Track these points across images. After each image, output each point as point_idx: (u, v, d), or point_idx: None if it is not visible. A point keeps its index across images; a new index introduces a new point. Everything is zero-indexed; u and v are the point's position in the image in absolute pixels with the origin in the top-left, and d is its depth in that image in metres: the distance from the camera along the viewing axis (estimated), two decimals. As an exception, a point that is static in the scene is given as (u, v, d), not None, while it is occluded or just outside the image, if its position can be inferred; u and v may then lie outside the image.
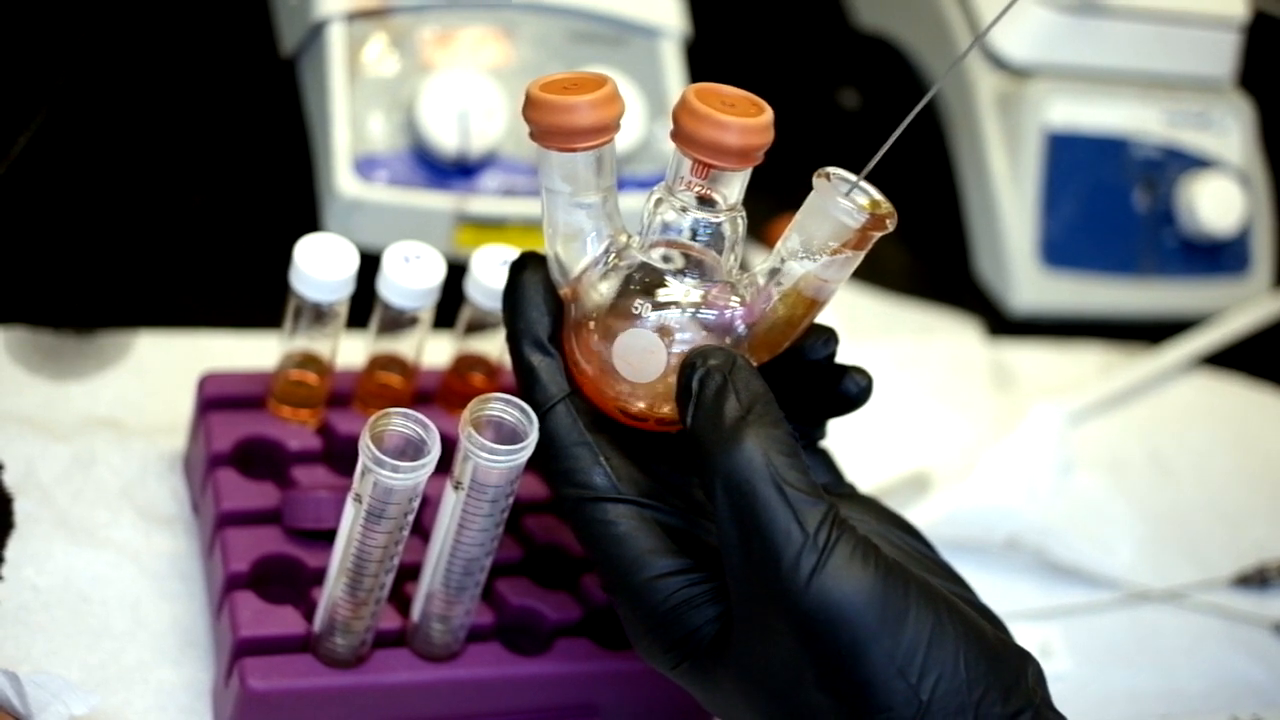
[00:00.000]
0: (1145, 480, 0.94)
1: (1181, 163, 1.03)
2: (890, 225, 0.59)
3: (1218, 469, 0.96)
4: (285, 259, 0.70)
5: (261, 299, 0.84)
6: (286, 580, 0.70)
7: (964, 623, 0.58)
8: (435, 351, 0.76)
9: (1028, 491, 0.87)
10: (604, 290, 0.62)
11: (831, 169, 0.59)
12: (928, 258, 1.02)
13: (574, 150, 0.61)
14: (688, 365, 0.60)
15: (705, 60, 0.98)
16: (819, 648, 0.56)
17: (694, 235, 0.62)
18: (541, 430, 0.62)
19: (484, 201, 0.87)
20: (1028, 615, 0.84)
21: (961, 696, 0.57)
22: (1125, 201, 1.02)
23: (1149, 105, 1.03)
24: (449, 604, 0.67)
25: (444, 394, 0.77)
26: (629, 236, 0.63)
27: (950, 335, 0.98)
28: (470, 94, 0.86)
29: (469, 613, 0.68)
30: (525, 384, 0.63)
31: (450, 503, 0.63)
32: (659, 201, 0.62)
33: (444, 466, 0.63)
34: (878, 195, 0.59)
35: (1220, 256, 1.05)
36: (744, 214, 0.62)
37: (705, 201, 0.61)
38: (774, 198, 0.81)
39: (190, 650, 0.71)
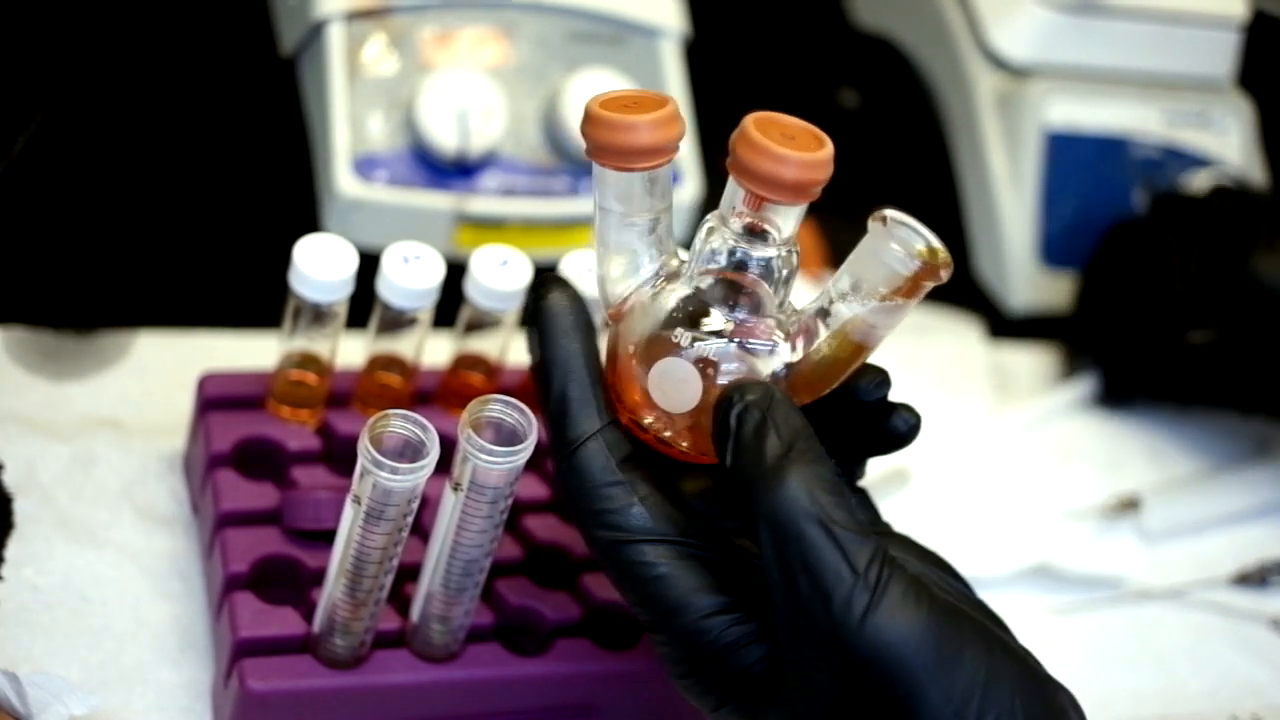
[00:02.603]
0: (1145, 479, 0.94)
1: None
2: (944, 276, 0.57)
3: (1217, 468, 0.96)
4: (285, 259, 0.70)
5: (261, 299, 0.84)
6: (286, 581, 0.70)
7: (1016, 662, 0.57)
8: (435, 351, 0.76)
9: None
10: (648, 315, 0.61)
11: (889, 211, 0.58)
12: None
13: (630, 170, 0.59)
14: (724, 400, 0.58)
15: (705, 60, 0.98)
16: (873, 690, 0.55)
17: (745, 267, 0.60)
18: (571, 468, 0.60)
19: (483, 201, 0.87)
20: (1028, 615, 0.84)
21: None
22: (1125, 201, 1.02)
23: (1148, 105, 1.03)
24: (448, 604, 0.67)
25: (443, 394, 0.77)
26: (680, 262, 0.62)
27: (950, 335, 0.98)
28: (470, 94, 0.86)
29: (468, 613, 0.68)
30: (555, 416, 0.61)
31: (449, 504, 0.63)
32: (711, 230, 0.61)
33: (444, 467, 0.63)
34: (935, 242, 0.57)
35: (1220, 256, 1.05)
36: (798, 249, 0.61)
37: (758, 233, 0.60)
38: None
39: (190, 651, 0.72)
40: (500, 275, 0.72)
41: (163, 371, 0.81)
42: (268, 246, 0.85)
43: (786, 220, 0.60)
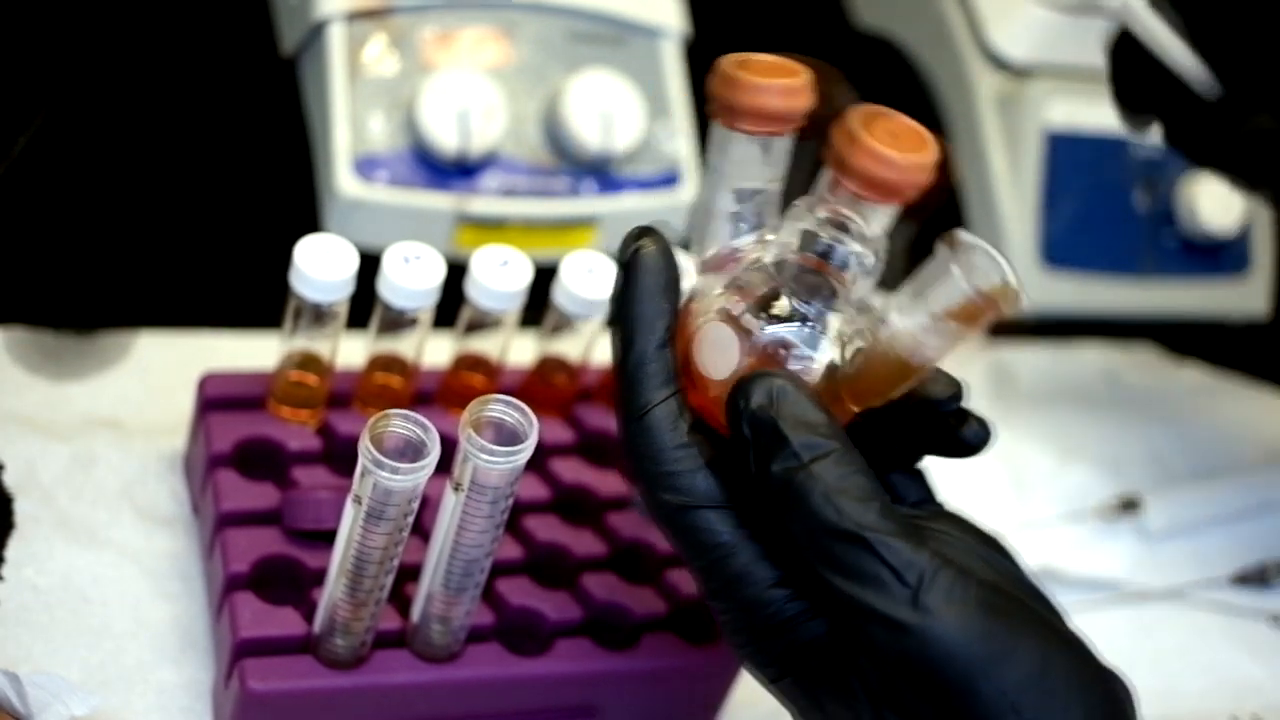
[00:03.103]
0: (1145, 479, 0.94)
1: (1181, 163, 1.03)
2: (1006, 310, 0.55)
3: (1217, 467, 0.96)
4: (285, 259, 0.70)
5: (262, 299, 0.84)
6: (286, 581, 0.70)
7: (1071, 651, 0.56)
8: (435, 352, 0.76)
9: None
10: (720, 283, 0.60)
11: (962, 234, 0.56)
12: (928, 258, 1.02)
13: (748, 132, 0.59)
14: (732, 403, 0.58)
15: (705, 60, 0.98)
16: (928, 689, 0.55)
17: (827, 256, 0.59)
18: (641, 429, 0.59)
19: (484, 202, 0.87)
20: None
21: None
22: (1125, 201, 1.02)
23: (1149, 105, 1.03)
24: (449, 605, 0.67)
25: (444, 394, 0.77)
26: (769, 240, 0.61)
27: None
28: (470, 94, 0.86)
29: (469, 613, 0.68)
30: (631, 375, 0.59)
31: (450, 504, 0.63)
32: (799, 214, 0.60)
33: (444, 467, 0.63)
34: (1009, 275, 0.55)
35: (1220, 256, 1.05)
36: (883, 249, 0.59)
37: (842, 226, 0.59)
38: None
39: (190, 651, 0.72)
40: (501, 275, 0.72)
41: (163, 371, 0.81)
42: (268, 247, 0.85)
43: (875, 219, 0.58)
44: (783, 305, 0.59)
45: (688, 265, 0.63)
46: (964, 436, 0.62)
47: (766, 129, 0.59)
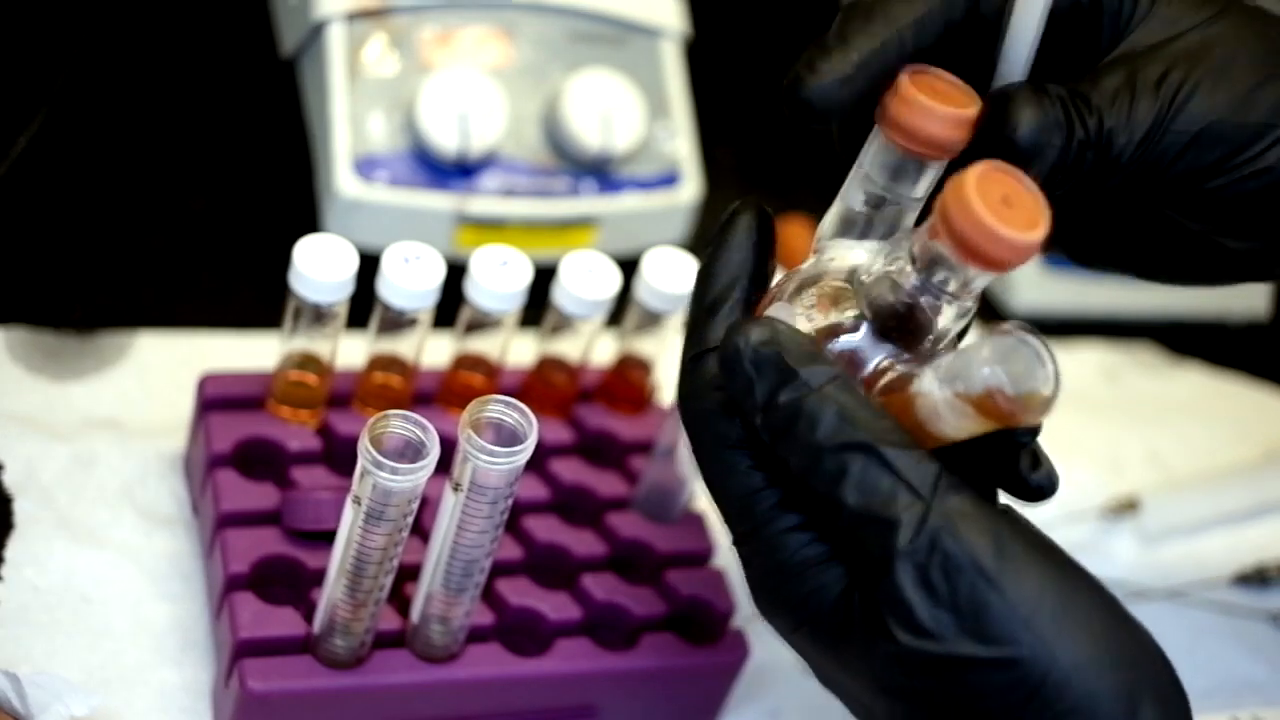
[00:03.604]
0: (1145, 479, 0.94)
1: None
2: (1032, 418, 0.54)
3: (1217, 468, 0.96)
4: (285, 260, 0.70)
5: (261, 300, 0.84)
6: (286, 581, 0.70)
7: (1092, 585, 0.55)
8: (435, 352, 0.76)
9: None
10: (812, 272, 0.59)
11: (1013, 324, 0.54)
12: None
13: (900, 146, 0.57)
14: (729, 343, 0.56)
15: (705, 60, 0.98)
16: (938, 600, 0.54)
17: (915, 304, 0.57)
18: (693, 369, 0.58)
19: (484, 202, 0.87)
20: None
21: (1106, 674, 0.54)
22: (1125, 201, 1.02)
23: (1149, 105, 1.03)
24: (449, 605, 0.67)
25: (444, 395, 0.77)
26: (888, 259, 0.58)
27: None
28: (470, 94, 0.86)
29: (469, 613, 0.68)
30: (697, 317, 0.59)
31: (450, 504, 0.63)
32: (898, 260, 0.57)
33: (444, 467, 0.63)
34: (1049, 384, 0.54)
35: (1220, 256, 1.04)
36: (973, 310, 0.57)
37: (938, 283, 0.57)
38: (777, 199, 0.81)
39: (190, 651, 0.72)
40: (500, 276, 0.72)
41: (163, 372, 0.81)
42: (268, 247, 0.85)
43: (975, 281, 0.56)
44: (847, 321, 0.58)
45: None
46: (1031, 480, 0.61)
47: (918, 150, 0.57)
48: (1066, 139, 0.59)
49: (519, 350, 0.77)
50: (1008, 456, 0.60)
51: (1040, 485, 0.61)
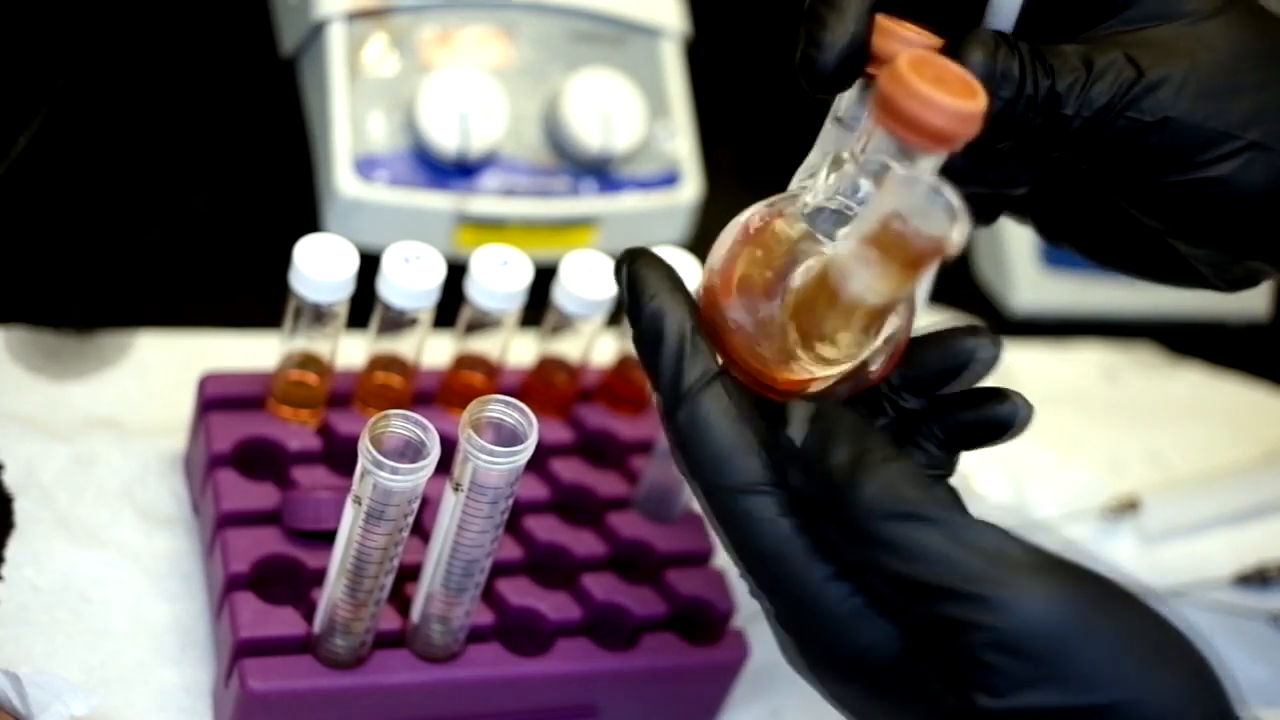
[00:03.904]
0: (1144, 479, 0.94)
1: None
2: (931, 255, 0.51)
3: (1217, 468, 0.96)
4: (285, 259, 0.70)
5: (262, 299, 0.84)
6: (287, 581, 0.70)
7: (1151, 615, 0.54)
8: (435, 352, 0.76)
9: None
10: (793, 232, 0.57)
11: (921, 166, 0.52)
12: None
13: (900, 138, 0.54)
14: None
15: (705, 60, 0.98)
16: (1012, 667, 0.52)
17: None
18: (690, 414, 0.55)
19: (484, 201, 0.87)
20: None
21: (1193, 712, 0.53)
22: (1125, 201, 1.02)
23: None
24: (449, 605, 0.67)
25: (444, 394, 0.77)
26: (829, 173, 0.57)
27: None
28: (470, 94, 0.86)
29: (469, 613, 0.68)
30: (670, 361, 0.56)
31: (450, 504, 0.63)
32: (842, 165, 0.57)
33: (444, 467, 0.63)
34: (950, 219, 0.51)
35: (1220, 256, 1.05)
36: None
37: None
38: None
39: (190, 651, 0.72)
40: (501, 275, 0.72)
41: (163, 371, 0.81)
42: (268, 247, 0.85)
43: (921, 167, 0.54)
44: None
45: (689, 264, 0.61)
46: (997, 414, 0.59)
47: (921, 142, 0.54)
48: (1016, 91, 0.59)
49: (519, 350, 0.77)
50: (972, 401, 0.59)
51: (1009, 417, 0.60)
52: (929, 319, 0.98)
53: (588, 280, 0.74)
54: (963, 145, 0.54)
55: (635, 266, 0.58)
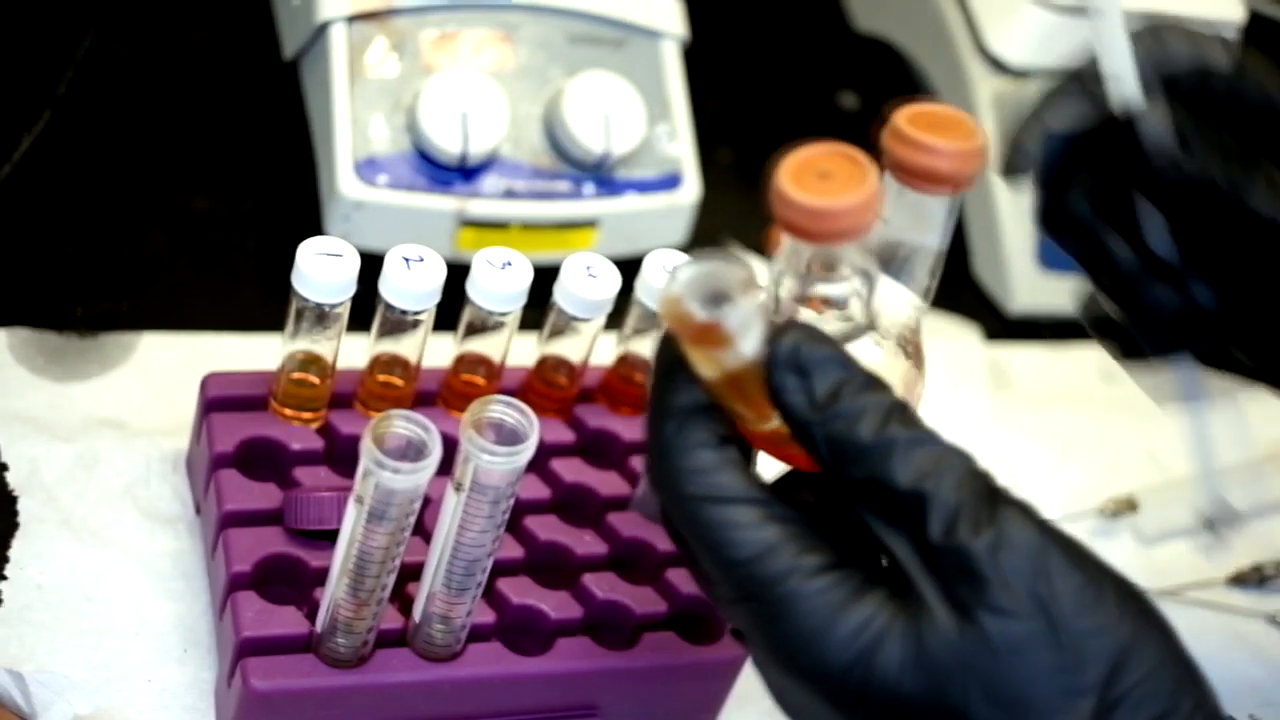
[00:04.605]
0: (1142, 479, 0.94)
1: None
2: (712, 335, 0.53)
3: (1215, 468, 0.96)
4: (287, 261, 0.70)
5: (264, 301, 0.85)
6: (289, 581, 0.70)
7: (1142, 605, 0.58)
8: (437, 353, 0.76)
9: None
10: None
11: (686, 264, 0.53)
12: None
13: (912, 186, 0.57)
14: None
15: (705, 62, 0.98)
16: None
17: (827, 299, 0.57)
18: (666, 432, 0.55)
19: (485, 203, 0.88)
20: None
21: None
22: (1123, 203, 1.02)
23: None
24: (450, 604, 0.67)
25: (446, 395, 0.77)
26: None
27: (950, 337, 0.98)
28: (471, 96, 0.86)
29: (470, 613, 0.68)
30: (662, 379, 0.56)
31: (451, 503, 0.64)
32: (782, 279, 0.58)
33: (445, 467, 0.63)
34: (725, 312, 0.53)
35: (1218, 258, 1.05)
36: (856, 278, 0.58)
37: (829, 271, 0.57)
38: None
39: (193, 650, 0.72)
40: (502, 277, 0.73)
41: (166, 372, 0.81)
42: (271, 248, 0.86)
43: (934, 208, 0.57)
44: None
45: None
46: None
47: (926, 187, 0.56)
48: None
49: (520, 351, 0.77)
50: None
51: None
52: (928, 320, 0.99)
53: (588, 281, 0.74)
54: (970, 184, 0.57)
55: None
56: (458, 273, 0.73)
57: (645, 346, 0.78)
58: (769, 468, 0.58)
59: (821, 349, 0.54)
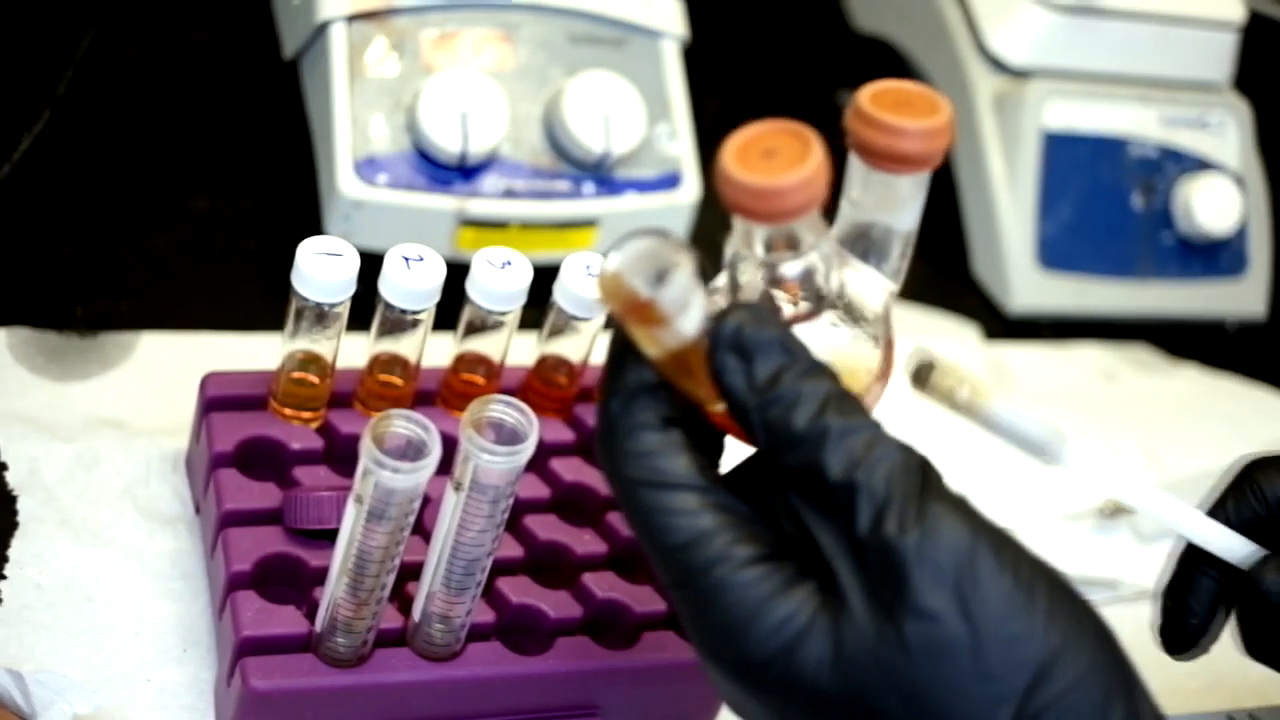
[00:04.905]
0: (1142, 479, 0.94)
1: (1179, 164, 1.04)
2: (649, 311, 0.52)
3: (1214, 468, 0.96)
4: (287, 260, 0.70)
5: (264, 300, 0.85)
6: (288, 580, 0.70)
7: (1076, 604, 0.57)
8: (436, 352, 0.76)
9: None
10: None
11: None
12: (926, 260, 1.02)
13: (881, 168, 0.56)
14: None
15: (705, 61, 0.98)
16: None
17: (782, 281, 0.57)
18: (611, 411, 0.54)
19: (485, 203, 0.88)
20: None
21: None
22: (1123, 203, 1.02)
23: (1146, 107, 1.04)
24: (450, 604, 0.67)
25: (445, 395, 0.77)
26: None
27: (949, 337, 0.98)
28: (471, 95, 0.86)
29: (470, 612, 0.68)
30: (614, 360, 0.55)
31: (451, 503, 0.64)
32: (740, 260, 0.57)
33: (445, 467, 0.63)
34: (664, 289, 0.52)
35: (1217, 257, 1.05)
36: (815, 252, 0.57)
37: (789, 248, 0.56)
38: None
39: (193, 649, 0.72)
40: (501, 276, 0.73)
41: (165, 372, 0.82)
42: (271, 248, 0.86)
43: (906, 188, 0.56)
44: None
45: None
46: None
47: (893, 167, 0.55)
48: None
49: (519, 350, 0.77)
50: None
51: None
52: (928, 320, 0.99)
53: (588, 281, 0.74)
54: (939, 162, 0.55)
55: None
56: (457, 272, 0.73)
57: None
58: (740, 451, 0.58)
59: (765, 331, 0.54)
